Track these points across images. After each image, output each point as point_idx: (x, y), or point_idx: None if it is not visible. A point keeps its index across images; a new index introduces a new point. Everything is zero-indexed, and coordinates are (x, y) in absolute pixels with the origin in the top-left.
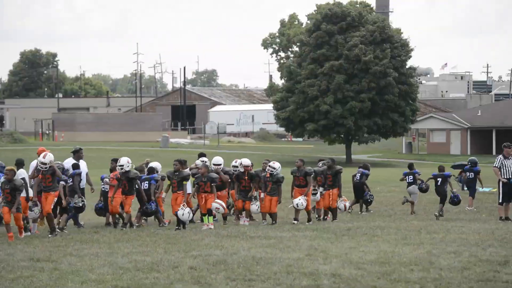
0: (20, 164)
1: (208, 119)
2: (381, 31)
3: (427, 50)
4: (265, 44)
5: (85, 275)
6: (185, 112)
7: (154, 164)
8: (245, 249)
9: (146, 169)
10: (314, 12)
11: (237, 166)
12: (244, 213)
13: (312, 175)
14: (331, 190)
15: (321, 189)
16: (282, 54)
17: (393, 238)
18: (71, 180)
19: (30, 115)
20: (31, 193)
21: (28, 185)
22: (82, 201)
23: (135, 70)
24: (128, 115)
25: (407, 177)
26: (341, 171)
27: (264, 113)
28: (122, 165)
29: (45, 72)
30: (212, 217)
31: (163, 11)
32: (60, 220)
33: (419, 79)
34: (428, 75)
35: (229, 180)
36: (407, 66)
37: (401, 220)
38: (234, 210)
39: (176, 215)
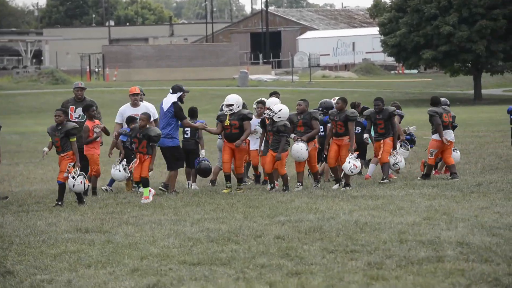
0: None
1: (297, 49)
2: None
3: None
4: None
5: (146, 248)
6: (268, 41)
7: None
8: (346, 212)
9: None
10: None
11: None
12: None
13: (354, 121)
14: (382, 140)
15: (365, 135)
16: None
17: None
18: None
19: (74, 49)
20: None
21: None
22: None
23: None
24: (196, 47)
25: None
26: (395, 113)
27: (368, 40)
28: None
29: None
30: (147, 188)
31: None
32: None
33: None
34: None
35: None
36: None
37: None
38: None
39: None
